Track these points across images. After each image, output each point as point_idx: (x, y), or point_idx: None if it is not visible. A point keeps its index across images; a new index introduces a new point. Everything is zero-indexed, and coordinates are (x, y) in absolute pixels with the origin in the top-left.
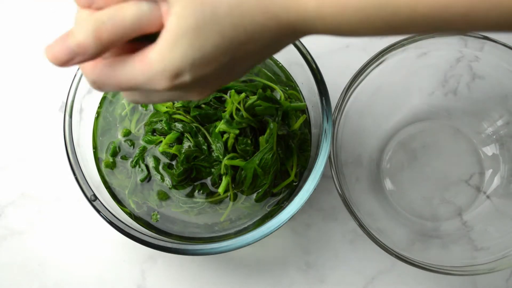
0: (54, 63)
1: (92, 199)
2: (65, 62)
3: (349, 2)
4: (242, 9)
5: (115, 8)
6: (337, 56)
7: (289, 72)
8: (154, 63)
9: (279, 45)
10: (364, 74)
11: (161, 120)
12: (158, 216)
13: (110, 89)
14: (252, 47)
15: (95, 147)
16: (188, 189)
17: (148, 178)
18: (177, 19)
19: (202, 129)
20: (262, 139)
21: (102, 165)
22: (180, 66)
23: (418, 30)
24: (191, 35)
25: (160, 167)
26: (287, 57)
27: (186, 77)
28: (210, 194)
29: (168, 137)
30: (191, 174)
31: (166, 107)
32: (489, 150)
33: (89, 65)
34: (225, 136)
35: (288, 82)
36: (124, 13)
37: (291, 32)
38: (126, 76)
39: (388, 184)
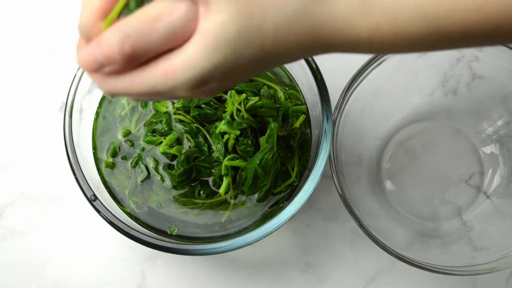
0: (85, 69)
1: (92, 199)
2: (95, 70)
3: (401, 33)
4: (289, 30)
5: (145, 19)
6: (337, 56)
7: (289, 72)
8: (179, 72)
9: (306, 57)
10: (364, 74)
11: (161, 121)
12: (177, 229)
13: (127, 96)
14: (283, 59)
15: (95, 147)
16: (188, 190)
17: (148, 178)
18: (217, 26)
19: (203, 129)
20: (262, 139)
21: (102, 165)
22: (209, 76)
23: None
24: (230, 46)
25: (160, 168)
26: None
27: (212, 85)
28: (210, 194)
29: (168, 137)
30: (191, 175)
31: (166, 107)
32: (489, 150)
33: (104, 75)
34: (226, 137)
35: (288, 82)
36: (154, 25)
37: (327, 50)
38: (146, 85)
39: (388, 184)
